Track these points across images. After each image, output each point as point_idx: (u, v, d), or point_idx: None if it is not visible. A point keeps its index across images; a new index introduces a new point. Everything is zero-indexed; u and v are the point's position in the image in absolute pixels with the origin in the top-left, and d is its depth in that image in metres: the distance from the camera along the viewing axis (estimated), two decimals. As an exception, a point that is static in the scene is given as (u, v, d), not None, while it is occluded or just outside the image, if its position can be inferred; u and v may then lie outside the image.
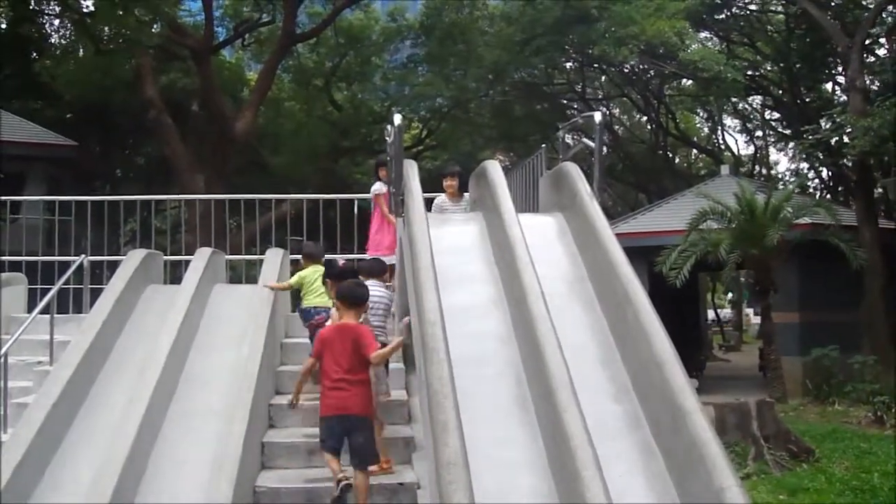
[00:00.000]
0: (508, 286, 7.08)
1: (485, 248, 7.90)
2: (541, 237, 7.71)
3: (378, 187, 10.71)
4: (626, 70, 34.41)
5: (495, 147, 36.25)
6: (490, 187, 8.06)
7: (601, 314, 6.98)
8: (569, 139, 9.92)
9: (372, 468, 7.15)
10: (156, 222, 19.74)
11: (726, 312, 60.34)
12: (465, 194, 9.97)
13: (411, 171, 8.38)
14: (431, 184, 10.69)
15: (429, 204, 9.06)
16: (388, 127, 9.71)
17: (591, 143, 8.60)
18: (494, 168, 8.36)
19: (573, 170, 8.21)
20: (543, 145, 10.23)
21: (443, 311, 6.24)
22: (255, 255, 12.95)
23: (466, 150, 31.78)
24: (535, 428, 5.88)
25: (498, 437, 5.81)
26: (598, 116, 8.67)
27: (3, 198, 16.18)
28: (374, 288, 8.18)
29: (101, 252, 14.36)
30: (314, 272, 9.25)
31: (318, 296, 9.09)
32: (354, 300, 7.42)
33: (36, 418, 6.99)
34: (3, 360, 8.39)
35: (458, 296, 6.97)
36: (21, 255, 13.87)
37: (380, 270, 8.52)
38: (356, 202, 13.54)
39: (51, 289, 12.25)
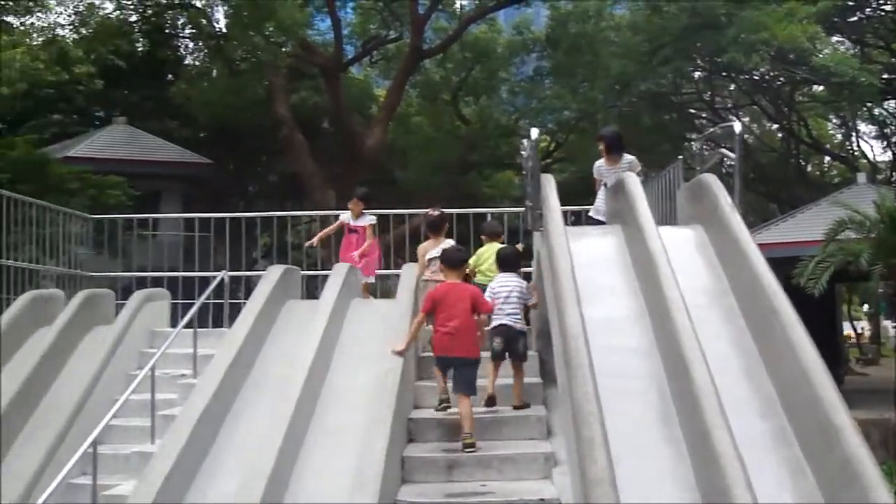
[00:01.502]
0: (650, 299, 7.01)
1: (623, 260, 7.85)
2: (680, 250, 7.60)
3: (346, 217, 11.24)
4: (755, 77, 33.72)
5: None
6: (629, 200, 8.01)
7: (744, 327, 6.86)
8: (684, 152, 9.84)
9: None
10: (290, 237, 20.07)
11: (862, 325, 58.44)
12: (626, 155, 10.07)
13: (549, 185, 8.38)
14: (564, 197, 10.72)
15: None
16: (524, 141, 9.76)
17: (730, 154, 8.45)
18: (633, 181, 8.29)
19: (713, 181, 8.09)
20: (680, 157, 10.12)
21: (585, 325, 6.22)
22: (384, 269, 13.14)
23: (595, 161, 31.59)
24: (681, 444, 5.80)
25: (642, 452, 5.75)
26: (737, 127, 8.56)
27: (144, 215, 16.76)
28: (509, 278, 8.78)
29: (236, 267, 14.71)
30: (489, 248, 10.04)
31: (486, 273, 9.86)
32: (454, 263, 8.54)
33: (183, 431, 7.16)
34: (151, 373, 8.63)
35: (597, 309, 6.93)
36: (162, 272, 14.33)
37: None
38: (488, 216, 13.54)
39: (191, 303, 12.75)
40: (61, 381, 9.99)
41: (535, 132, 8.44)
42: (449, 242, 10.01)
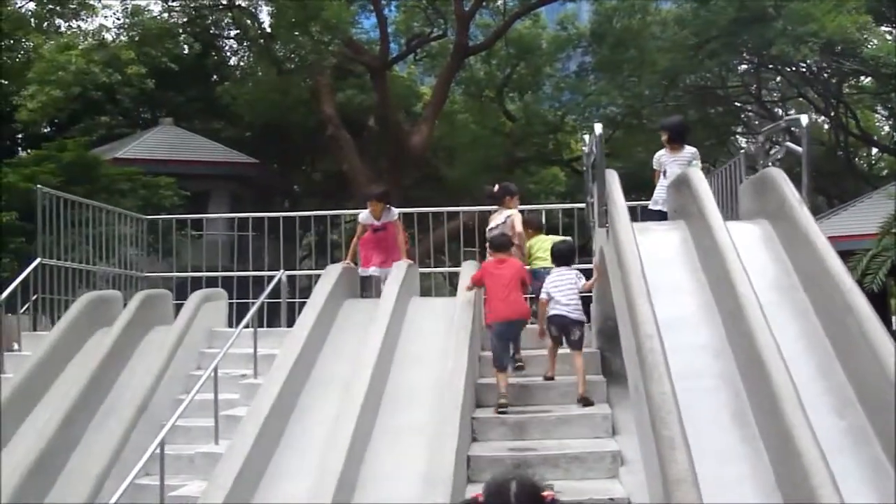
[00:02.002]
0: (720, 296, 6.91)
1: (689, 257, 7.74)
2: (746, 245, 7.46)
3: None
4: (802, 70, 33.29)
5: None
6: (694, 196, 7.91)
7: (817, 323, 6.72)
8: (746, 145, 9.66)
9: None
10: (333, 236, 20.05)
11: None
12: (687, 147, 10.05)
13: (613, 180, 8.30)
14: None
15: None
16: (586, 137, 9.66)
17: (796, 148, 8.31)
18: (698, 176, 8.19)
19: (779, 175, 7.96)
20: (743, 151, 9.99)
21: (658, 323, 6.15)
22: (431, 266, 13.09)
23: (641, 157, 31.27)
24: (758, 443, 5.71)
25: (720, 452, 5.67)
26: (804, 119, 8.40)
27: (198, 215, 16.81)
28: (565, 273, 9.38)
29: (281, 267, 14.72)
30: (537, 241, 10.73)
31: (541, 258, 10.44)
32: (499, 246, 9.55)
33: (251, 431, 7.17)
34: (214, 373, 8.64)
35: (665, 307, 6.81)
36: (215, 272, 14.38)
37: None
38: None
39: (244, 303, 12.81)
40: (122, 382, 10.03)
41: (598, 127, 8.34)
42: (508, 213, 10.67)
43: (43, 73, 23.53)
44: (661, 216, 9.82)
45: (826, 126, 40.07)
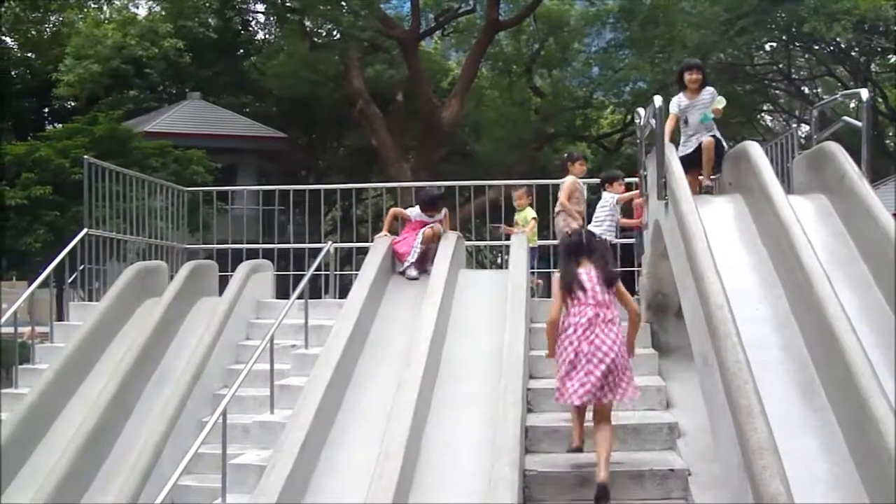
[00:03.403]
0: (783, 270, 6.90)
1: (748, 230, 7.72)
2: (804, 219, 7.44)
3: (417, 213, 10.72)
4: (831, 48, 33.11)
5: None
6: (754, 169, 7.88)
7: (879, 296, 6.70)
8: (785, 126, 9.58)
9: None
10: (357, 211, 20.08)
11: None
12: (707, 88, 9.65)
13: (672, 154, 8.29)
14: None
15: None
16: (640, 110, 9.62)
17: (856, 122, 8.28)
18: (756, 149, 8.16)
19: (837, 149, 7.92)
20: (795, 125, 9.94)
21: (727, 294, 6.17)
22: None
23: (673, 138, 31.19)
24: (829, 414, 5.70)
25: (790, 424, 5.65)
26: (864, 94, 8.37)
27: (236, 188, 16.91)
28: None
29: (308, 241, 14.70)
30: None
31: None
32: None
33: (313, 400, 7.22)
34: (270, 343, 8.68)
35: (726, 280, 6.80)
36: (255, 244, 14.47)
37: None
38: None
39: (285, 275, 12.88)
40: (173, 352, 10.11)
41: (658, 99, 8.25)
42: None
43: (79, 47, 23.59)
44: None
45: (853, 104, 39.83)
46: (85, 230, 11.50)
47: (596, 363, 6.70)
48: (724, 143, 9.58)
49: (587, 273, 6.98)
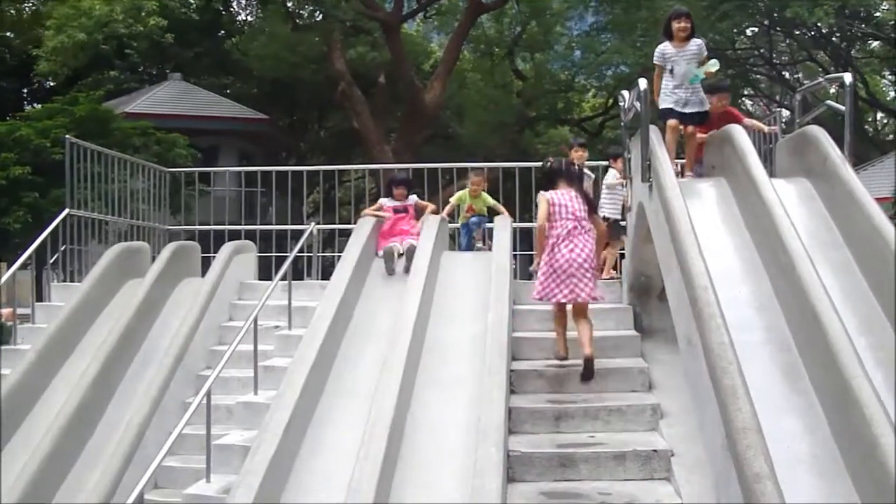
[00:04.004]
0: (766, 252, 6.93)
1: (731, 213, 7.75)
2: (787, 202, 7.48)
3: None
4: (812, 33, 33.18)
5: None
6: (738, 153, 7.90)
7: (861, 279, 6.73)
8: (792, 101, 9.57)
9: None
10: (338, 193, 20.05)
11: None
12: (693, 39, 9.32)
13: (656, 137, 8.31)
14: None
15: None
16: (624, 93, 9.62)
17: (839, 106, 8.32)
18: (740, 133, 8.18)
19: (820, 133, 7.96)
20: (779, 110, 9.95)
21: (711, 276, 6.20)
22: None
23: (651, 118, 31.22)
24: (811, 396, 5.74)
25: (772, 405, 5.67)
26: (847, 78, 8.41)
27: (218, 168, 16.81)
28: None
29: (287, 223, 14.67)
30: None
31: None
32: None
33: (297, 381, 7.20)
34: (254, 324, 8.68)
35: (709, 262, 6.83)
36: (234, 225, 14.44)
37: None
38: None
39: (265, 256, 12.86)
40: (156, 332, 10.11)
41: (643, 82, 8.25)
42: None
43: (63, 19, 23.37)
44: (667, 115, 9.22)
45: (833, 89, 39.97)
46: (66, 210, 11.43)
47: (576, 268, 8.26)
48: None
49: (567, 193, 8.57)
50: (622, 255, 10.69)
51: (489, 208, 11.40)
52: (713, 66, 9.34)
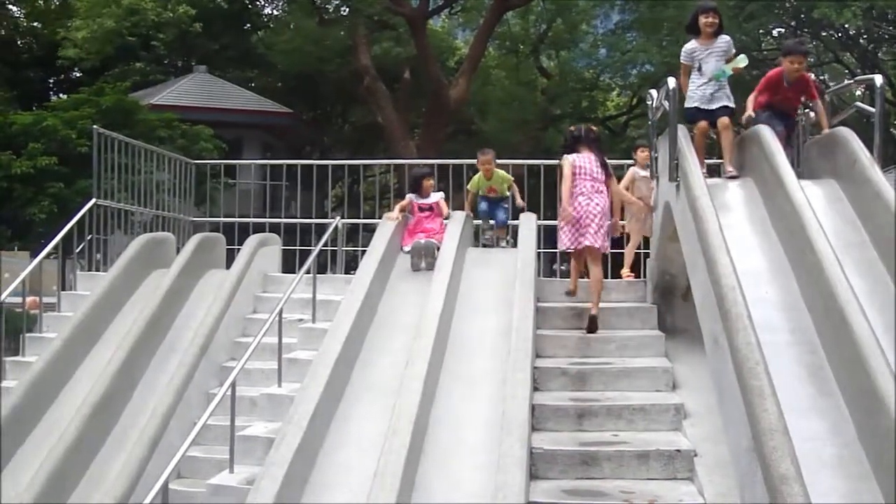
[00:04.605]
0: (793, 253, 6.92)
1: (758, 214, 7.74)
2: (815, 203, 7.45)
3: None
4: (840, 35, 32.96)
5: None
6: (765, 153, 7.87)
7: (888, 281, 6.71)
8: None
9: None
10: (362, 188, 20.06)
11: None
12: (723, 35, 9.25)
13: (684, 135, 8.30)
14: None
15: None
16: (652, 92, 9.59)
17: (868, 108, 8.28)
18: (768, 133, 8.14)
19: (849, 135, 7.93)
20: (805, 110, 9.88)
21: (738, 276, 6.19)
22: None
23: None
24: (837, 397, 5.73)
25: (798, 406, 5.67)
26: (878, 79, 8.39)
27: (243, 161, 16.82)
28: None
29: (311, 216, 14.69)
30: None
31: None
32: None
33: (322, 373, 7.23)
34: (279, 317, 8.72)
35: (737, 263, 6.81)
36: (260, 218, 14.48)
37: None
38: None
39: (290, 249, 12.88)
40: (180, 323, 10.16)
41: (671, 81, 8.24)
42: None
43: (92, 7, 23.37)
44: (695, 115, 9.10)
45: (858, 92, 39.76)
46: (93, 200, 11.50)
47: (589, 221, 9.13)
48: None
49: (588, 157, 9.44)
50: (646, 255, 10.64)
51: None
52: (742, 61, 9.25)
